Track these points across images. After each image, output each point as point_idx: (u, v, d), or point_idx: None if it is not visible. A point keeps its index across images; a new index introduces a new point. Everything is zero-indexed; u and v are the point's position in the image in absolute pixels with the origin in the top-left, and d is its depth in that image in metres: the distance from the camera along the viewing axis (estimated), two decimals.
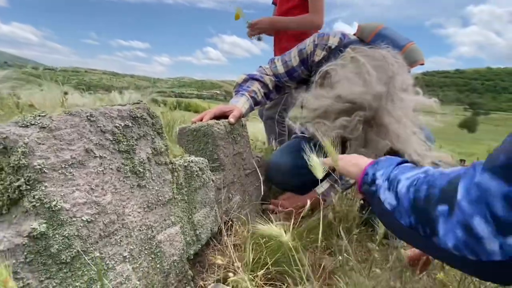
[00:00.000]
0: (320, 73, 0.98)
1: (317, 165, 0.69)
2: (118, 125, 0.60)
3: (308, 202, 1.13)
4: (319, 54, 1.24)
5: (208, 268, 0.90)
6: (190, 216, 0.81)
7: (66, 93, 3.14)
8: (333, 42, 1.22)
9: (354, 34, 1.26)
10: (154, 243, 0.67)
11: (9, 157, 0.44)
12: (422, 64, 1.20)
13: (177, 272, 0.73)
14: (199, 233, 0.84)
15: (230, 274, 0.66)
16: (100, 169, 0.55)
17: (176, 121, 3.29)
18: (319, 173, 0.69)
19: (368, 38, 1.21)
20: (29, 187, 0.44)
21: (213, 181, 0.95)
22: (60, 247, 0.46)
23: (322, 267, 0.91)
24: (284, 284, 0.82)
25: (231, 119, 1.10)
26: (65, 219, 0.47)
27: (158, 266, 0.67)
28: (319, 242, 0.93)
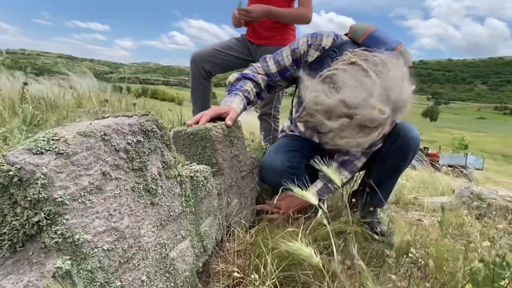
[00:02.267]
0: (321, 77, 0.97)
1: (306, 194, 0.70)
2: (130, 141, 0.56)
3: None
4: (313, 55, 1.24)
5: (213, 277, 0.88)
6: (197, 228, 0.79)
7: (26, 84, 2.90)
8: (327, 42, 1.22)
9: (346, 35, 1.27)
10: (168, 261, 0.64)
11: (25, 189, 0.39)
12: (411, 67, 1.24)
13: (189, 287, 0.71)
14: (206, 243, 0.82)
15: None
16: (117, 192, 0.51)
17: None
18: (313, 200, 0.71)
19: (360, 39, 1.22)
20: (49, 221, 0.40)
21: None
22: (85, 282, 0.43)
23: (326, 269, 0.93)
24: None
25: (228, 121, 1.07)
26: (87, 252, 0.44)
27: (172, 285, 0.65)
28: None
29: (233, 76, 1.30)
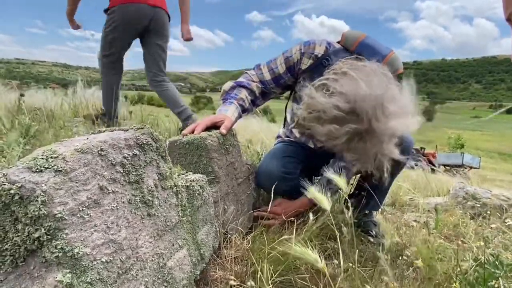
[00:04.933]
0: (313, 86, 0.99)
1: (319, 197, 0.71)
2: (126, 155, 0.58)
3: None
4: (306, 63, 1.26)
5: (211, 284, 0.90)
6: (194, 236, 0.80)
7: (22, 95, 2.91)
8: (319, 51, 1.25)
9: (338, 42, 1.30)
10: (166, 271, 0.66)
11: (26, 206, 0.41)
12: (401, 73, 1.26)
13: None
14: (203, 251, 0.84)
15: None
16: (114, 205, 0.53)
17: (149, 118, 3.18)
18: (326, 205, 0.72)
19: (352, 47, 1.25)
20: (49, 236, 0.42)
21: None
22: None
23: (322, 273, 0.94)
24: None
25: (223, 130, 1.09)
26: (86, 265, 0.45)
27: None
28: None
29: (227, 84, 1.33)
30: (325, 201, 0.69)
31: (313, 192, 0.72)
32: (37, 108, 2.54)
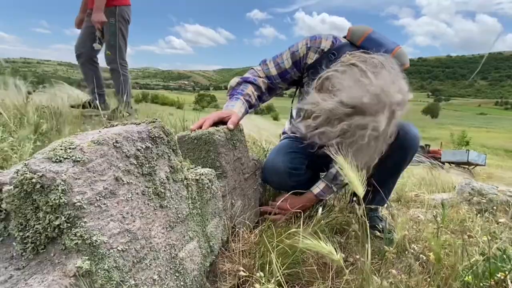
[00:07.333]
0: (320, 79, 1.00)
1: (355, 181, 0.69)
2: (139, 147, 0.59)
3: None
4: (312, 57, 1.27)
5: (220, 276, 0.91)
6: (204, 229, 0.82)
7: (29, 93, 2.94)
8: (326, 45, 1.25)
9: (345, 37, 1.30)
10: (177, 261, 0.67)
11: (47, 195, 0.42)
12: (407, 68, 1.26)
13: (198, 286, 0.74)
14: (212, 244, 0.85)
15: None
16: (129, 196, 0.54)
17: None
18: (359, 189, 0.69)
19: (359, 41, 1.25)
20: (69, 224, 0.43)
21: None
22: (103, 281, 0.46)
23: (329, 266, 0.95)
24: (297, 286, 0.86)
25: (230, 125, 1.10)
26: (104, 252, 0.47)
27: (182, 284, 0.67)
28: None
29: (234, 80, 1.33)
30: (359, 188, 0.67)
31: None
32: (44, 106, 2.57)
